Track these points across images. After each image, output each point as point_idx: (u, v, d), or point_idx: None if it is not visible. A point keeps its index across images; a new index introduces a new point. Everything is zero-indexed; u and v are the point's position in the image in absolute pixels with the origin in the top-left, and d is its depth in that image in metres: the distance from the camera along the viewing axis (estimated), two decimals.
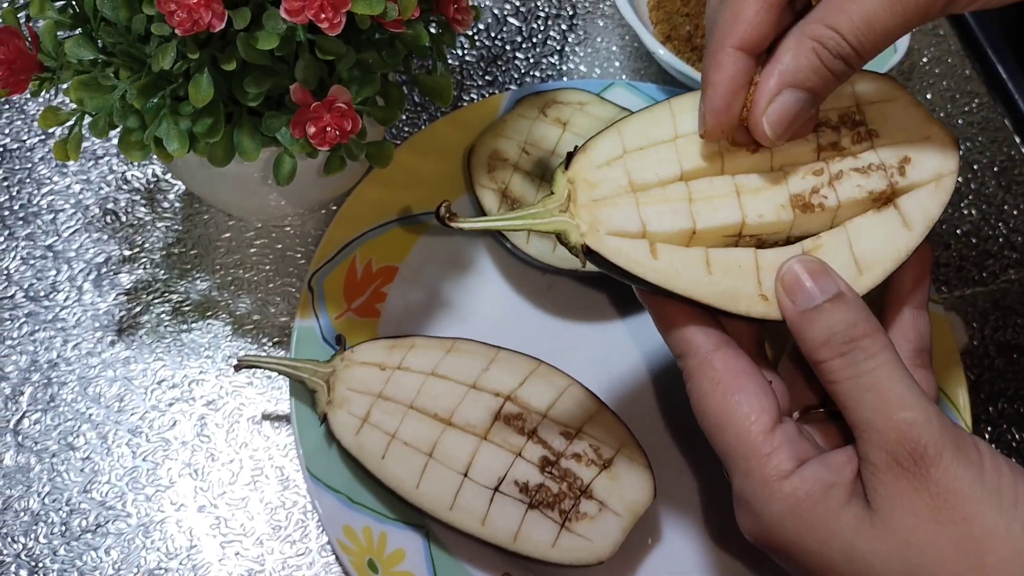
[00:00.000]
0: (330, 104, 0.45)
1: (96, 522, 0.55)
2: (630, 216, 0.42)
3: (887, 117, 0.45)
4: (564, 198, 0.42)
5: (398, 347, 0.55)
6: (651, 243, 0.42)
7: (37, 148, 0.65)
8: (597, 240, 0.41)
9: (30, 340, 0.60)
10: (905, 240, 0.43)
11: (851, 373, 0.40)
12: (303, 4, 0.42)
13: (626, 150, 0.44)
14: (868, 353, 0.40)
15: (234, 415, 0.58)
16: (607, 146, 0.44)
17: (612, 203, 0.42)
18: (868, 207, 0.44)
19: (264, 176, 0.53)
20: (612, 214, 0.42)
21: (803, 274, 0.41)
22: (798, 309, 0.41)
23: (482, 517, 0.51)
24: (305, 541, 0.56)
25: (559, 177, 0.43)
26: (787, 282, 0.42)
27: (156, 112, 0.46)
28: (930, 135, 0.45)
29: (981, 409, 0.63)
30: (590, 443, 0.53)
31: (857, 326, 0.40)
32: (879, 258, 0.43)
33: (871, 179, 0.44)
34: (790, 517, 0.40)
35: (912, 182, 0.44)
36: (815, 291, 0.41)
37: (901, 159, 0.44)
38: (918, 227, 0.44)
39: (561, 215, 0.42)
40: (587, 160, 0.43)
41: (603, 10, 0.74)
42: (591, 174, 0.43)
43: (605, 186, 0.43)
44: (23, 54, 0.45)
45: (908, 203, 0.44)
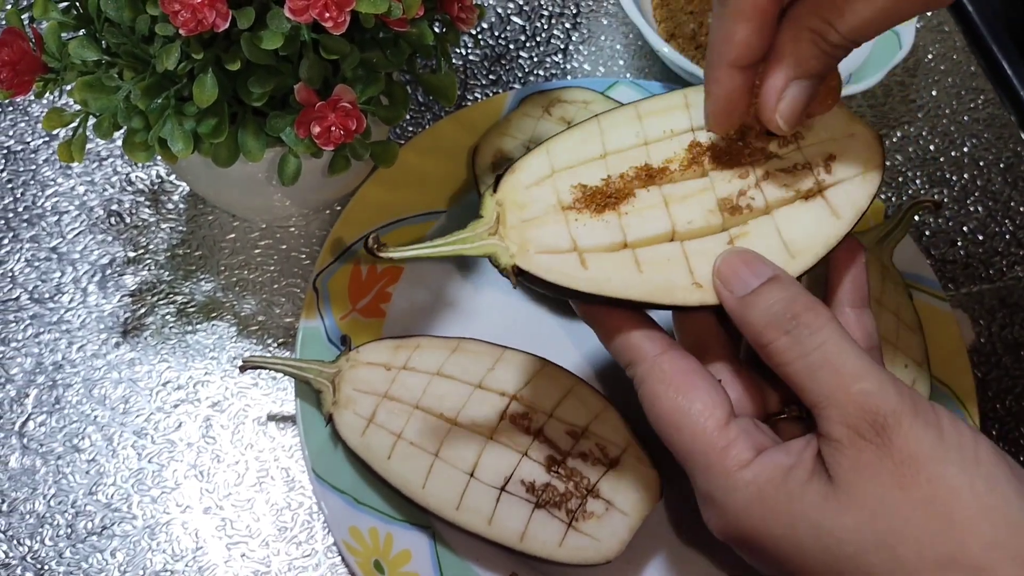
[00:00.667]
0: (335, 104, 0.45)
1: (102, 524, 0.55)
2: (560, 234, 0.42)
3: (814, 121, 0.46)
4: (493, 221, 0.43)
5: (403, 347, 0.55)
6: (580, 255, 0.42)
7: (41, 150, 0.65)
8: (527, 260, 0.42)
9: (35, 342, 0.60)
10: (834, 227, 0.44)
11: (799, 352, 0.40)
12: (307, 3, 0.42)
13: (555, 169, 0.44)
14: (812, 327, 0.40)
15: (239, 416, 0.58)
16: (536, 166, 0.44)
17: (541, 222, 0.43)
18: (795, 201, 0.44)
19: (269, 176, 0.53)
20: (542, 233, 0.42)
21: (736, 263, 0.42)
22: (736, 296, 0.41)
23: (488, 517, 0.51)
24: (311, 542, 0.55)
25: (487, 200, 0.43)
26: (723, 273, 0.42)
27: (160, 113, 0.46)
28: (854, 132, 0.45)
29: (989, 407, 0.62)
30: (596, 442, 0.53)
31: (796, 300, 0.40)
32: (809, 244, 0.43)
33: (797, 179, 0.44)
34: (754, 504, 0.40)
35: (838, 179, 0.45)
36: (750, 277, 0.41)
37: (826, 157, 0.45)
38: (846, 214, 0.44)
39: (490, 238, 0.42)
40: (516, 181, 0.44)
41: (607, 8, 0.74)
42: (520, 195, 0.43)
43: (534, 206, 0.43)
44: (27, 55, 0.45)
45: (835, 194, 0.44)
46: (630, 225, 0.43)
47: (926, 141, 0.72)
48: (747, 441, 0.41)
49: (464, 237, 0.42)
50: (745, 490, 0.40)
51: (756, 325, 0.41)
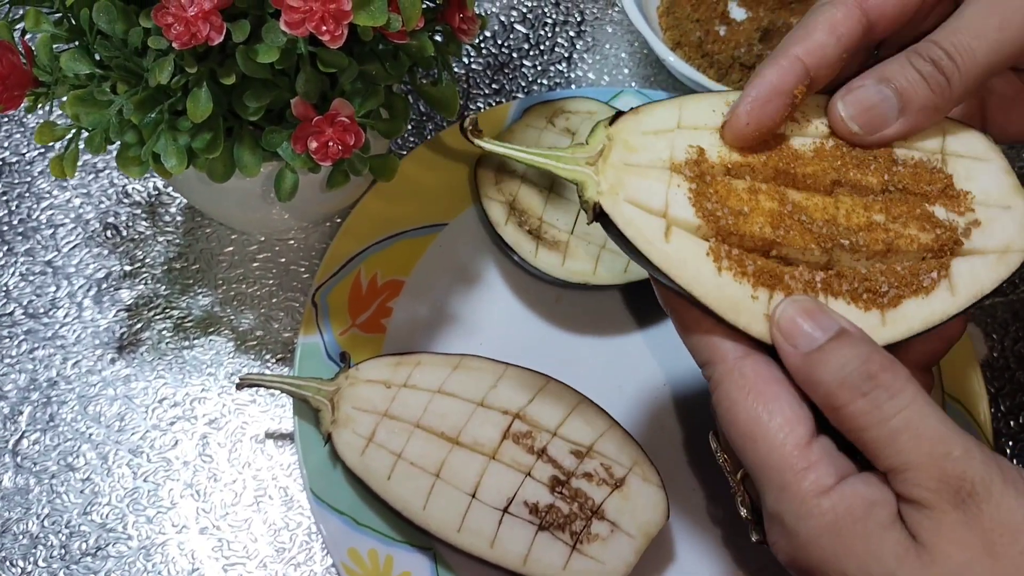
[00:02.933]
0: (332, 118, 0.44)
1: (96, 545, 0.54)
2: (656, 191, 0.39)
3: (972, 176, 0.41)
4: (596, 152, 0.40)
5: (404, 364, 0.54)
6: (668, 224, 0.39)
7: (37, 162, 0.64)
8: (613, 203, 0.39)
9: (29, 358, 0.59)
10: (944, 305, 0.40)
11: (879, 416, 0.37)
12: (303, 16, 0.41)
13: (680, 126, 0.41)
14: (892, 391, 0.37)
15: (237, 434, 0.57)
16: (662, 115, 0.41)
17: (643, 173, 0.39)
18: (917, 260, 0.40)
19: (266, 191, 0.52)
20: (639, 183, 0.39)
21: (799, 314, 0.38)
22: (801, 352, 0.38)
23: (491, 539, 0.50)
24: (310, 564, 0.54)
25: (598, 129, 0.40)
26: (784, 326, 0.39)
27: (154, 127, 0.45)
28: (1012, 205, 0.41)
29: (1002, 423, 0.61)
30: (601, 462, 0.51)
31: (872, 360, 0.37)
32: (908, 313, 0.39)
33: (930, 233, 0.40)
34: (828, 535, 0.37)
35: (974, 247, 0.40)
36: (815, 330, 0.38)
37: (971, 221, 0.40)
38: (962, 296, 0.40)
39: (586, 167, 0.40)
40: (635, 123, 0.41)
41: (612, 16, 0.72)
42: (634, 138, 0.40)
43: (643, 154, 0.40)
44: (17, 69, 0.44)
45: (961, 267, 0.40)
46: (729, 216, 0.39)
47: None
48: (829, 464, 0.38)
49: (559, 155, 0.40)
50: (821, 518, 0.37)
51: (827, 386, 0.37)
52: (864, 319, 0.39)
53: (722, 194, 0.39)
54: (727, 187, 0.40)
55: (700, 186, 0.39)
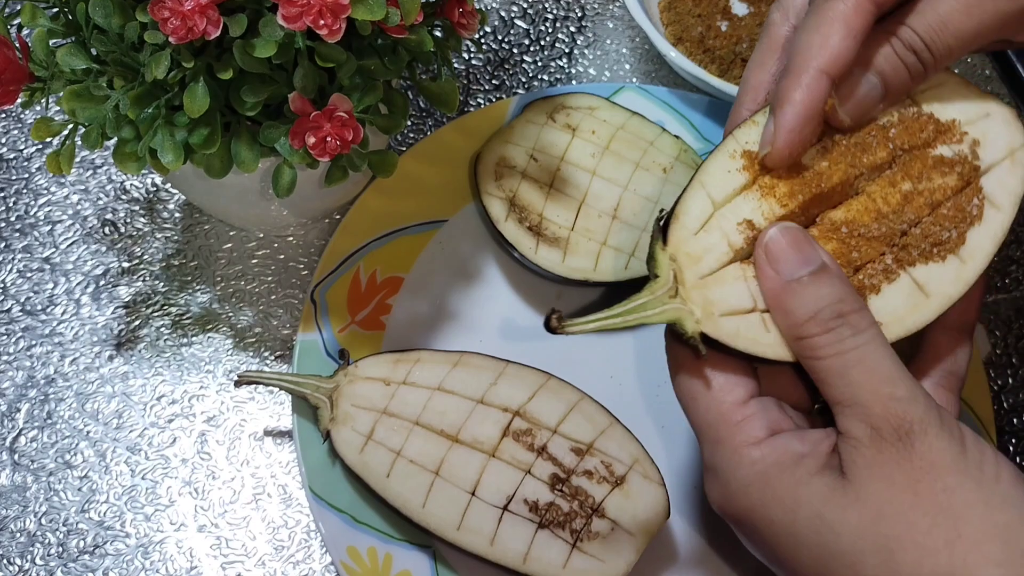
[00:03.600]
0: (330, 113, 0.44)
1: (94, 543, 0.54)
2: (741, 291, 0.41)
3: (944, 103, 0.44)
4: (671, 281, 0.40)
5: (403, 361, 0.53)
6: (762, 314, 0.41)
7: (35, 158, 0.64)
8: (714, 325, 0.40)
9: (27, 355, 0.58)
10: (1000, 221, 0.42)
11: (837, 349, 0.38)
12: (301, 10, 0.40)
13: (716, 203, 0.42)
14: (856, 329, 0.39)
15: (235, 431, 0.57)
16: (697, 205, 0.42)
17: (720, 278, 0.41)
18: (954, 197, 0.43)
19: (264, 187, 0.52)
20: (724, 293, 0.40)
21: (787, 243, 0.40)
22: (782, 279, 0.40)
23: (491, 537, 0.50)
24: (309, 562, 0.54)
25: (660, 256, 0.41)
26: (772, 250, 0.40)
27: (151, 123, 0.44)
28: (989, 112, 0.44)
29: (1005, 420, 0.61)
30: (602, 460, 0.51)
31: (845, 301, 0.39)
32: (977, 243, 0.42)
33: (951, 174, 0.42)
34: (756, 484, 0.39)
35: (987, 163, 0.43)
36: (799, 261, 0.40)
37: (971, 143, 0.43)
38: (1006, 207, 0.42)
39: (672, 301, 0.40)
40: (683, 229, 0.41)
41: (612, 11, 0.72)
42: (691, 245, 0.41)
43: (708, 258, 0.41)
44: (13, 64, 0.44)
45: (990, 184, 0.43)
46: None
47: None
48: (762, 419, 0.40)
49: (645, 303, 0.40)
50: (750, 468, 0.39)
51: (798, 316, 0.39)
52: (947, 269, 0.42)
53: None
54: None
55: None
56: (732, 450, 0.40)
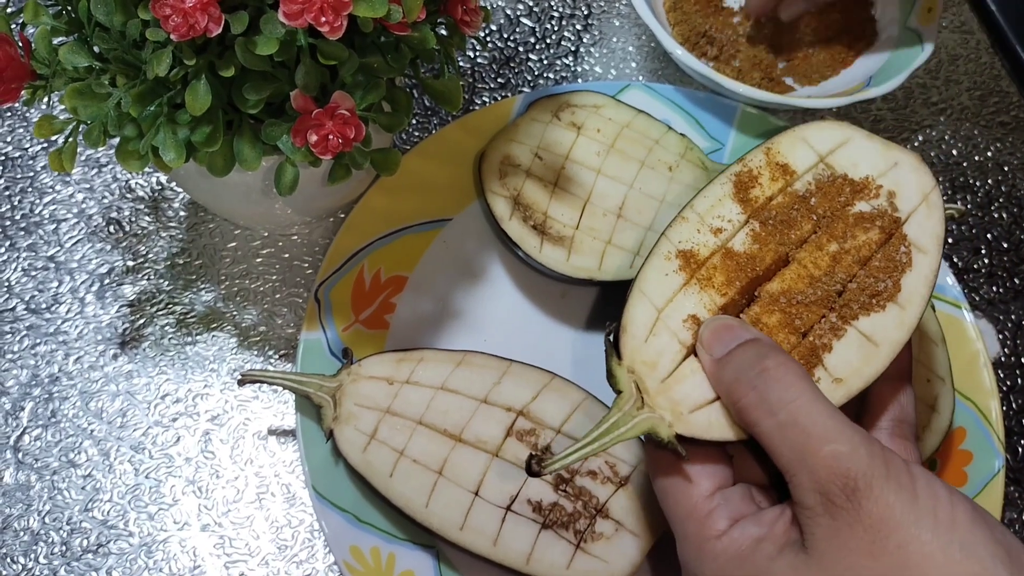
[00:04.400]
0: (332, 111, 0.44)
1: (97, 542, 0.54)
2: (701, 384, 0.42)
3: (853, 160, 0.47)
4: (635, 392, 0.42)
5: (407, 360, 0.53)
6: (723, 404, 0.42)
7: (39, 156, 0.64)
8: (686, 425, 0.41)
9: (31, 354, 0.58)
10: (929, 263, 0.45)
11: (767, 409, 0.39)
12: (302, 7, 0.40)
13: (657, 308, 0.44)
14: (782, 383, 0.39)
15: (239, 430, 0.57)
16: (641, 313, 0.44)
17: (680, 378, 0.42)
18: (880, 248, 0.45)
19: (267, 185, 0.51)
20: (686, 390, 0.42)
21: (720, 328, 0.42)
22: (713, 359, 0.42)
23: (494, 537, 0.49)
24: (312, 561, 0.54)
25: (618, 372, 0.43)
26: (705, 338, 0.43)
27: (153, 120, 0.44)
28: (897, 161, 0.47)
29: (1014, 421, 0.60)
30: (606, 460, 0.51)
31: (767, 357, 0.40)
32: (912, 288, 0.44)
33: (873, 228, 0.45)
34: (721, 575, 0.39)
35: (906, 210, 0.45)
36: (729, 340, 0.42)
37: (888, 193, 0.46)
38: (931, 248, 0.45)
39: (640, 412, 0.42)
40: (633, 339, 0.43)
41: (619, 9, 0.72)
42: (645, 353, 0.43)
43: (663, 360, 0.43)
44: (15, 62, 0.44)
45: (912, 230, 0.45)
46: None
47: (948, 145, 0.69)
48: (724, 510, 0.41)
49: (616, 421, 0.42)
50: (713, 562, 0.40)
51: (727, 382, 0.41)
52: (889, 317, 0.43)
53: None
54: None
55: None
56: (697, 546, 0.40)
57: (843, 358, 0.43)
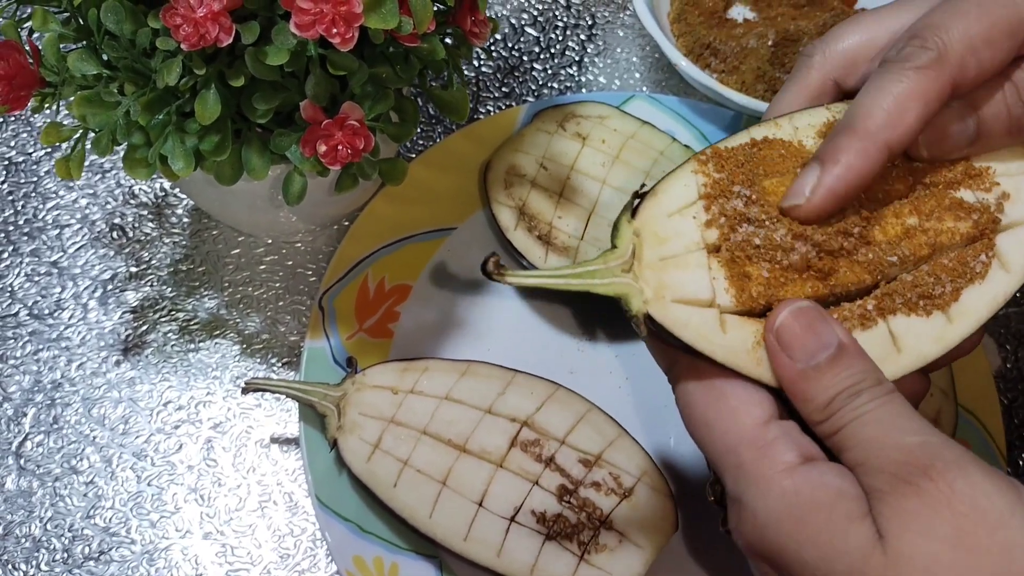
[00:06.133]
0: (342, 121, 0.44)
1: (99, 549, 0.54)
2: (701, 282, 0.37)
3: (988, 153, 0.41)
4: (628, 254, 0.37)
5: (411, 370, 0.53)
6: (720, 314, 0.37)
7: (43, 162, 0.64)
8: (661, 309, 0.36)
9: (33, 359, 0.58)
10: (1003, 284, 0.38)
11: (852, 417, 0.35)
12: (314, 18, 0.40)
13: (701, 195, 0.39)
14: (872, 397, 0.35)
15: (242, 438, 0.57)
16: (681, 189, 0.39)
17: (682, 263, 0.37)
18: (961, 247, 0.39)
19: (274, 194, 0.51)
20: (682, 278, 0.37)
21: (800, 328, 0.36)
22: (797, 367, 0.36)
23: (497, 548, 0.49)
24: (314, 571, 0.54)
25: (624, 227, 0.38)
26: (785, 338, 0.37)
27: (161, 129, 0.44)
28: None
29: (1015, 435, 0.60)
30: (610, 471, 0.51)
31: (865, 380, 0.36)
32: (971, 304, 0.38)
33: (966, 220, 0.39)
34: (789, 520, 0.34)
35: (1012, 220, 0.39)
36: (816, 347, 0.36)
37: (1000, 195, 0.39)
38: (1018, 270, 0.38)
39: (623, 275, 0.37)
40: (657, 207, 0.38)
41: (623, 20, 0.72)
42: (660, 226, 0.38)
43: (676, 241, 0.38)
44: (24, 69, 0.43)
45: (1006, 242, 0.39)
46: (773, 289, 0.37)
47: None
48: (789, 442, 0.36)
49: (594, 271, 0.37)
50: (781, 499, 0.34)
51: (818, 402, 0.36)
52: (929, 325, 0.38)
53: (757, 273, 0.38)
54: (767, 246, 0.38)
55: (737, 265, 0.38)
56: (758, 477, 0.35)
57: None
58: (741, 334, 0.37)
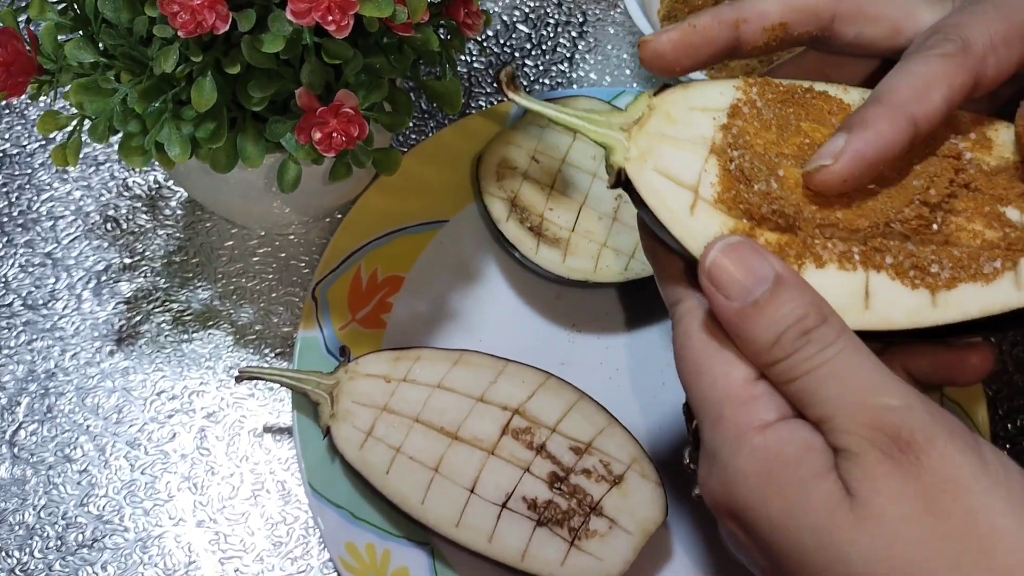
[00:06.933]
0: (336, 109, 0.44)
1: (93, 536, 0.54)
2: (690, 165, 0.36)
3: None
4: (633, 120, 0.37)
5: (403, 359, 0.54)
6: (696, 198, 0.36)
7: (38, 153, 0.64)
8: (639, 170, 0.36)
9: (28, 349, 0.58)
10: (1007, 296, 0.36)
11: (806, 367, 0.34)
12: (310, 6, 0.41)
13: (734, 101, 0.38)
14: (824, 342, 0.34)
15: (235, 427, 0.57)
16: (715, 93, 0.38)
17: (679, 145, 0.37)
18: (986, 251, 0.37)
19: (268, 183, 0.52)
20: (672, 154, 0.37)
21: (731, 264, 0.35)
22: (734, 307, 0.35)
23: (489, 534, 0.50)
24: (307, 558, 0.54)
25: (641, 99, 0.38)
26: (715, 276, 0.35)
27: (158, 116, 0.45)
28: None
29: (1000, 426, 0.61)
30: (600, 459, 0.51)
31: (808, 316, 0.34)
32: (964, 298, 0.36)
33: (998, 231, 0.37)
34: (757, 476, 0.34)
35: None
36: (751, 281, 0.35)
37: None
38: None
39: (618, 132, 0.37)
40: (683, 97, 0.38)
41: (614, 17, 0.73)
42: (678, 111, 0.38)
43: (685, 128, 0.37)
44: (22, 56, 0.44)
45: None
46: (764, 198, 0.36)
47: None
48: (772, 401, 0.35)
49: (594, 118, 0.37)
50: (751, 455, 0.34)
51: (760, 343, 0.35)
52: (910, 297, 0.36)
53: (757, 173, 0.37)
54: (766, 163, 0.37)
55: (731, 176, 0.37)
56: (735, 432, 0.35)
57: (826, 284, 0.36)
58: (708, 221, 0.36)
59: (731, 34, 0.40)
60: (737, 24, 0.40)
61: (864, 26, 0.41)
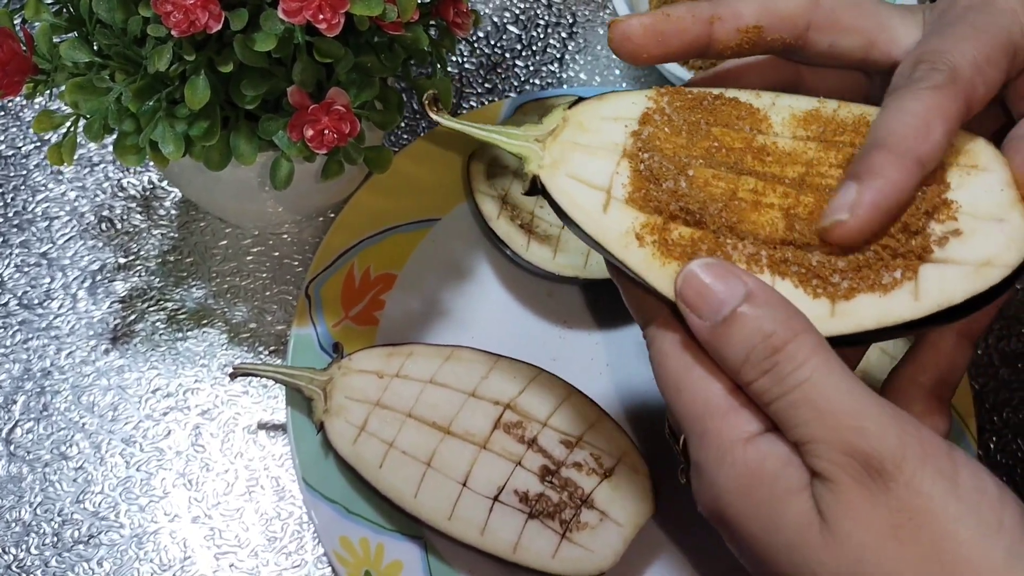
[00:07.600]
0: (328, 107, 0.45)
1: (88, 533, 0.55)
2: (602, 170, 0.38)
3: (964, 185, 0.37)
4: (547, 131, 0.40)
5: (396, 355, 0.54)
6: (608, 199, 0.38)
7: (32, 155, 0.65)
8: (552, 177, 0.39)
9: (23, 348, 0.59)
10: (903, 307, 0.36)
11: (780, 391, 0.34)
12: (301, 4, 0.41)
13: (647, 109, 0.40)
14: (794, 363, 0.34)
15: (229, 424, 0.58)
16: (627, 104, 0.40)
17: (591, 152, 0.39)
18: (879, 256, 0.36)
19: (261, 181, 0.52)
20: (584, 160, 0.39)
21: (702, 281, 0.35)
22: (707, 326, 0.35)
23: (481, 527, 0.50)
24: (301, 552, 0.55)
25: (556, 111, 0.40)
26: (686, 296, 0.36)
27: (152, 115, 0.45)
28: (1005, 219, 0.37)
29: (986, 419, 0.62)
30: (591, 452, 0.52)
31: (775, 334, 0.34)
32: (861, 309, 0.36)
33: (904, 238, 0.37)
34: (737, 493, 0.35)
35: (949, 256, 0.36)
36: (721, 299, 0.35)
37: (951, 230, 0.36)
38: (926, 303, 0.36)
39: (533, 143, 0.39)
40: (595, 108, 0.40)
41: (603, 18, 0.73)
42: (590, 120, 0.40)
43: (596, 136, 0.39)
44: (17, 56, 0.45)
45: (930, 274, 0.36)
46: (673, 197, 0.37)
47: None
48: (755, 412, 0.35)
49: (510, 132, 0.40)
50: (732, 471, 0.35)
51: (733, 362, 0.35)
52: (812, 306, 0.36)
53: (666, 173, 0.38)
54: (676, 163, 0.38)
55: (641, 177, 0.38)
56: (718, 445, 0.35)
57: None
58: (620, 217, 0.37)
59: (704, 29, 0.40)
60: (711, 20, 0.40)
61: (838, 36, 0.41)
